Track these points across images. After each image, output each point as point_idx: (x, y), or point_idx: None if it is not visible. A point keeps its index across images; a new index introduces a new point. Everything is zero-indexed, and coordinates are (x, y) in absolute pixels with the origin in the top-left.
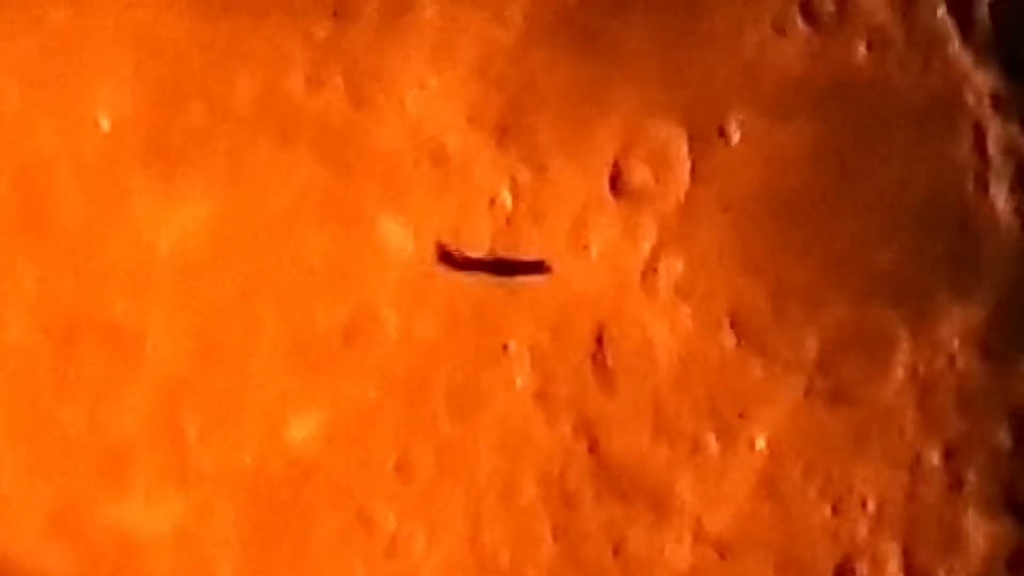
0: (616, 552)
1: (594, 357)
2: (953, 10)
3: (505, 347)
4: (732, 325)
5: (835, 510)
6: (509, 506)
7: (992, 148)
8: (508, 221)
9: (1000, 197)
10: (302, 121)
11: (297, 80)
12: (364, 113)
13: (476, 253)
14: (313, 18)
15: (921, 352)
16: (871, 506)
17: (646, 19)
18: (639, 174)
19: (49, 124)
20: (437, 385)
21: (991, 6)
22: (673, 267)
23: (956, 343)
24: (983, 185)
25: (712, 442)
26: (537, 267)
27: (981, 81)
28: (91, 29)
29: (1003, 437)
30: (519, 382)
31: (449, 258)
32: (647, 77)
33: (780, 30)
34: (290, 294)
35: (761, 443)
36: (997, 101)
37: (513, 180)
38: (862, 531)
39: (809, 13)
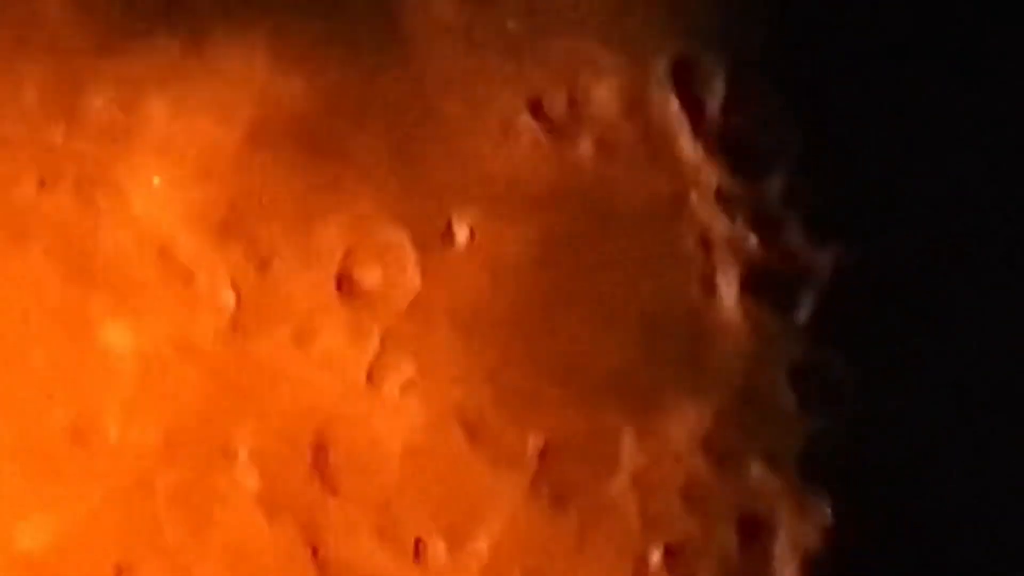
0: None
1: (318, 460)
2: (684, 105)
3: (229, 451)
4: (459, 426)
5: None
6: None
7: (718, 247)
8: (233, 322)
9: (727, 297)
10: (34, 225)
11: (29, 183)
12: (90, 214)
13: None
14: (45, 122)
15: (646, 452)
16: None
17: (376, 122)
18: (365, 276)
19: None
20: (161, 490)
21: (721, 105)
22: (399, 369)
23: (682, 443)
24: (710, 285)
25: (438, 544)
26: None
27: (710, 179)
28: None
29: (730, 538)
30: (243, 486)
31: None
32: (376, 179)
33: (509, 131)
34: (17, 398)
35: (485, 544)
36: (724, 198)
37: (238, 281)
38: None
39: (539, 113)
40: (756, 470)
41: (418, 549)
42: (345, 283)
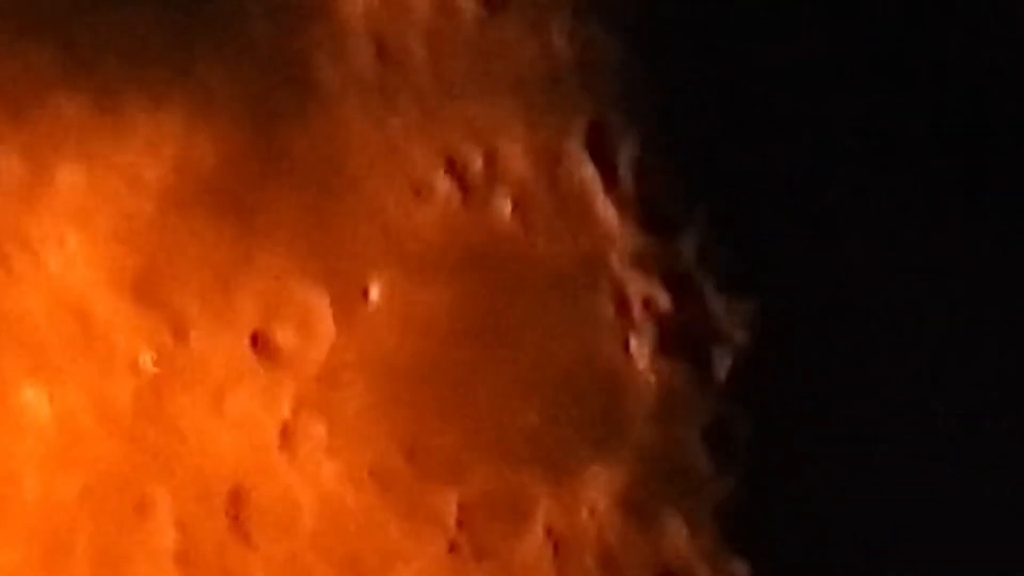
0: None
1: (235, 519)
2: (598, 167)
3: (146, 509)
4: (374, 485)
5: None
6: None
7: (634, 306)
8: (149, 384)
9: (641, 355)
10: None
11: None
12: (6, 276)
13: None
14: None
15: (563, 511)
16: None
17: (288, 183)
18: (281, 336)
19: None
20: (79, 547)
21: (634, 163)
22: (315, 428)
23: (599, 501)
24: (625, 344)
25: None
26: None
27: (625, 239)
28: None
29: None
30: (160, 543)
31: None
32: (290, 240)
33: (426, 192)
34: None
35: None
36: (639, 258)
37: (155, 343)
38: None
39: (455, 172)
40: (673, 529)
41: None
42: (260, 344)
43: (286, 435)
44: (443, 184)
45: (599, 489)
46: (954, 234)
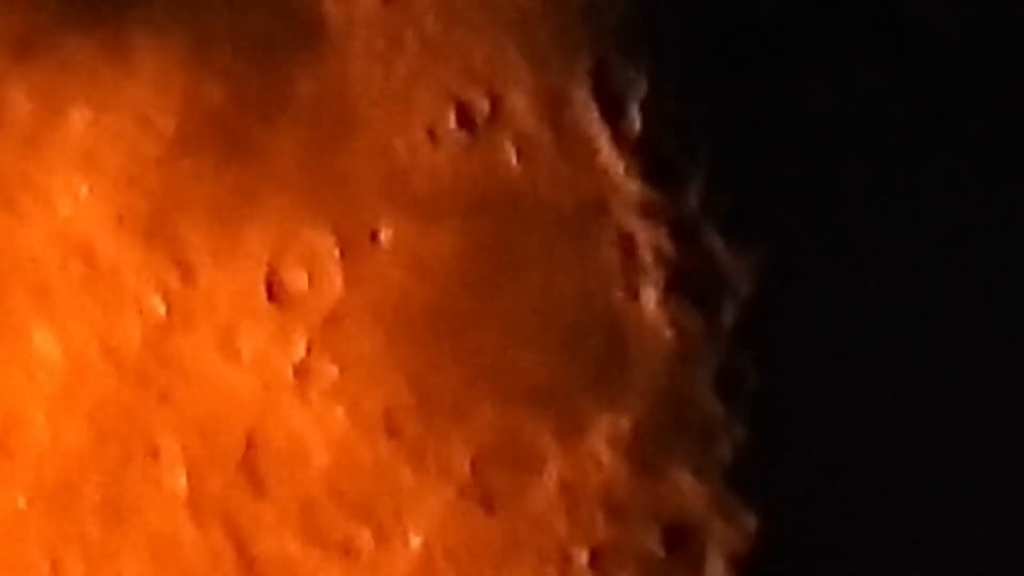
0: None
1: (245, 461)
2: (604, 115)
3: (155, 452)
4: (385, 429)
5: None
6: None
7: (641, 254)
8: (158, 326)
9: (650, 303)
10: None
11: None
12: (14, 219)
13: None
14: None
15: (569, 459)
16: None
17: (296, 126)
18: (291, 279)
19: None
20: (87, 490)
21: (641, 111)
22: (326, 371)
23: (604, 451)
24: (633, 291)
25: (365, 542)
26: None
27: (631, 185)
28: None
29: (653, 542)
30: (169, 487)
31: None
32: (298, 183)
33: (433, 135)
34: None
35: (415, 543)
36: (644, 204)
37: (163, 285)
38: None
39: (464, 117)
40: (681, 477)
41: (347, 545)
42: (271, 286)
43: (297, 378)
44: (450, 127)
45: (604, 438)
46: (971, 194)
